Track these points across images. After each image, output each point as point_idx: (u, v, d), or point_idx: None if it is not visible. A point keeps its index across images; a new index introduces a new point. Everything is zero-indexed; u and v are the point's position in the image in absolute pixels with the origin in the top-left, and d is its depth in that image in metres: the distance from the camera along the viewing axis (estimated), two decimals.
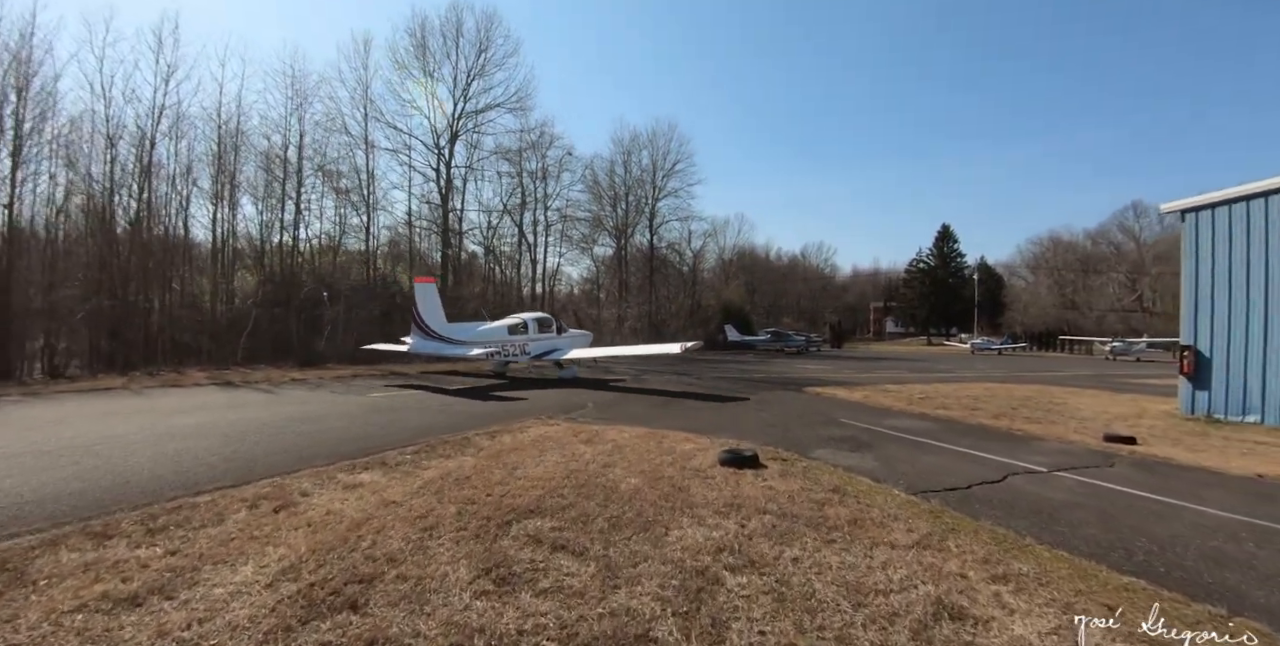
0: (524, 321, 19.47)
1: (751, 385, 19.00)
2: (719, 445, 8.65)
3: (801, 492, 6.21)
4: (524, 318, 19.86)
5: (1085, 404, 16.37)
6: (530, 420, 10.70)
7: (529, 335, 19.09)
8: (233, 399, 13.40)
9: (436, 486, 6.06)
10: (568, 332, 20.69)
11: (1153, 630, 3.59)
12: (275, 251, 30.24)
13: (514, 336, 18.80)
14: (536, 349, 19.12)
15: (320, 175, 31.60)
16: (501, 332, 18.69)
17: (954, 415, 13.34)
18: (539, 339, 19.31)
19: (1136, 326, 65.95)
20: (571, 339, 20.61)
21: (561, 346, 19.68)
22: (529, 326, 19.28)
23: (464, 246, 39.12)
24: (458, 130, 36.07)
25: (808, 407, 13.90)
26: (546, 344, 19.43)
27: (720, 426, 10.82)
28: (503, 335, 18.66)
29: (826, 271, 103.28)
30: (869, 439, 9.95)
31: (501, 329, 18.83)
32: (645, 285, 48.62)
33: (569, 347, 19.86)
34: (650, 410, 12.79)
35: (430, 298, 17.60)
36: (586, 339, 21.96)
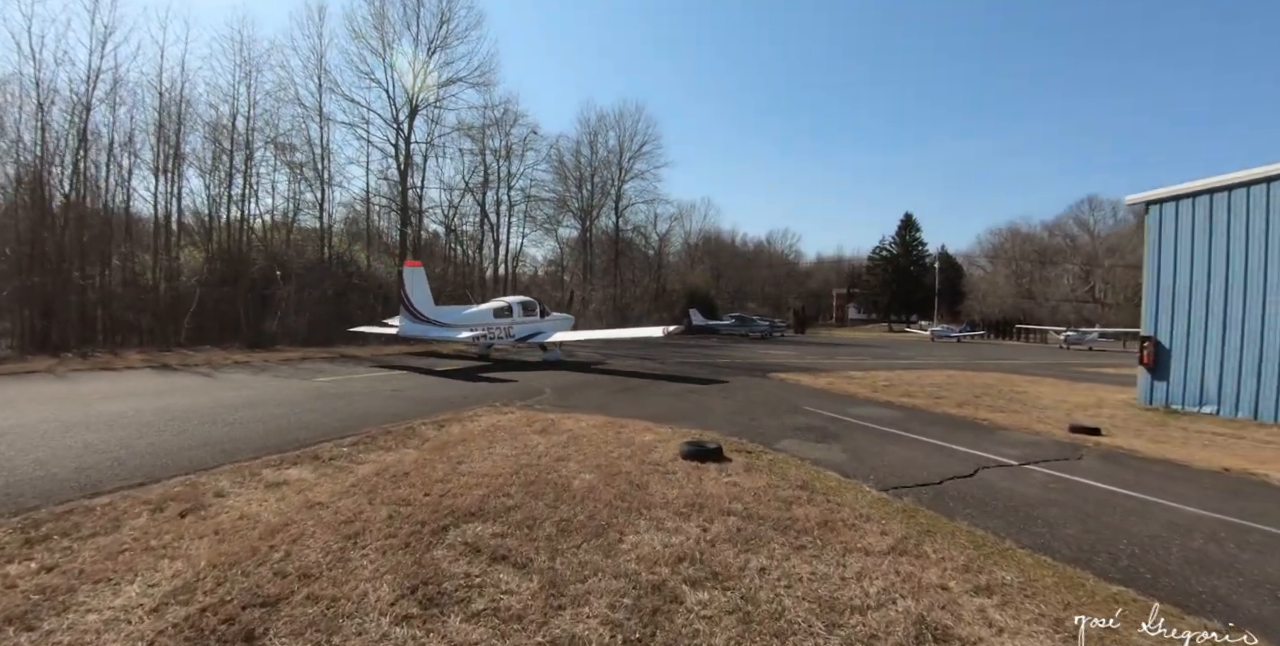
0: (509, 305, 19.69)
1: (716, 371, 18.66)
2: (681, 436, 8.22)
3: (768, 490, 5.81)
4: (509, 301, 20.05)
5: (1045, 393, 16.41)
6: (484, 408, 10.13)
7: (513, 318, 19.31)
8: (166, 384, 12.50)
9: (370, 484, 5.48)
10: (551, 316, 20.91)
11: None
12: (223, 227, 28.72)
13: (499, 320, 19.04)
14: (521, 332, 19.34)
15: (272, 148, 30.11)
16: (487, 316, 18.91)
17: (919, 403, 13.18)
18: (523, 322, 19.55)
19: (1089, 316, 67.88)
20: (554, 322, 20.84)
21: (545, 330, 19.90)
22: (514, 310, 19.50)
23: (424, 225, 37.92)
24: (418, 105, 34.72)
25: (773, 395, 13.59)
26: (530, 327, 19.67)
27: (683, 415, 10.41)
28: (488, 318, 18.88)
29: (791, 257, 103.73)
30: (836, 429, 9.64)
31: (487, 312, 19.07)
32: (610, 268, 47.97)
33: (552, 331, 20.04)
34: (612, 396, 12.32)
35: (419, 281, 17.75)
36: (569, 322, 22.13)
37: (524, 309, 19.94)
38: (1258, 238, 12.56)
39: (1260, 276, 12.42)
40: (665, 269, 58.34)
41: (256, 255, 29.07)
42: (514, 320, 19.39)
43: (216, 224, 28.61)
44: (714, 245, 78.97)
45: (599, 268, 48.19)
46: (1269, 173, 12.43)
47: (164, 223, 27.34)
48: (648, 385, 14.40)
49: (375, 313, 31.19)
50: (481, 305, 19.91)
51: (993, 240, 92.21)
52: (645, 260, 54.53)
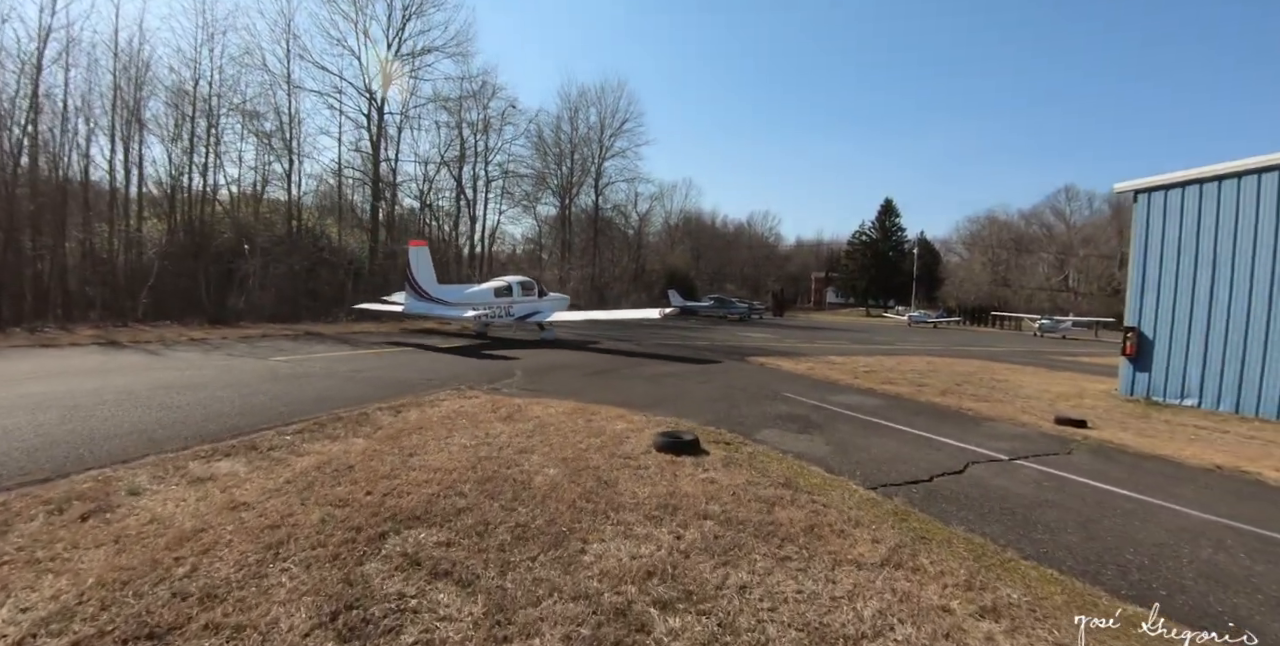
0: (509, 284, 20.03)
1: (695, 354, 18.21)
2: (656, 425, 7.73)
3: (748, 488, 5.34)
4: (509, 280, 20.38)
5: (1026, 382, 16.22)
6: (447, 391, 9.53)
7: (513, 297, 19.60)
8: (108, 362, 11.69)
9: (307, 481, 4.90)
10: (548, 296, 21.22)
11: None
12: (186, 198, 27.39)
13: (499, 299, 19.30)
14: (520, 311, 19.63)
15: (238, 116, 28.70)
16: (488, 295, 19.23)
17: (901, 391, 12.85)
18: (522, 301, 19.81)
19: (1063, 305, 68.64)
20: (552, 302, 21.15)
21: (543, 309, 20.23)
22: (513, 289, 19.83)
23: (398, 200, 36.74)
24: (391, 74, 33.42)
25: (753, 380, 13.16)
26: (529, 306, 19.97)
27: (659, 401, 9.92)
28: (489, 297, 19.14)
29: (771, 240, 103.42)
30: (818, 418, 9.22)
31: (488, 291, 19.43)
32: (589, 247, 47.15)
33: (550, 310, 20.40)
34: (585, 379, 11.79)
35: (423, 260, 18.11)
36: (564, 302, 22.42)
37: (523, 288, 20.19)
38: (1247, 229, 12.30)
39: (1247, 269, 12.18)
40: (645, 249, 57.62)
41: (223, 227, 27.89)
42: (513, 299, 19.57)
43: (179, 194, 27.27)
44: (694, 226, 78.38)
45: (578, 247, 47.36)
46: (1261, 163, 12.13)
47: (123, 192, 26.02)
48: (623, 367, 13.89)
49: (345, 289, 30.33)
50: (482, 284, 20.21)
51: (970, 227, 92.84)
52: (625, 240, 53.74)
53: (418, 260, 18.02)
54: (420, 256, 18.15)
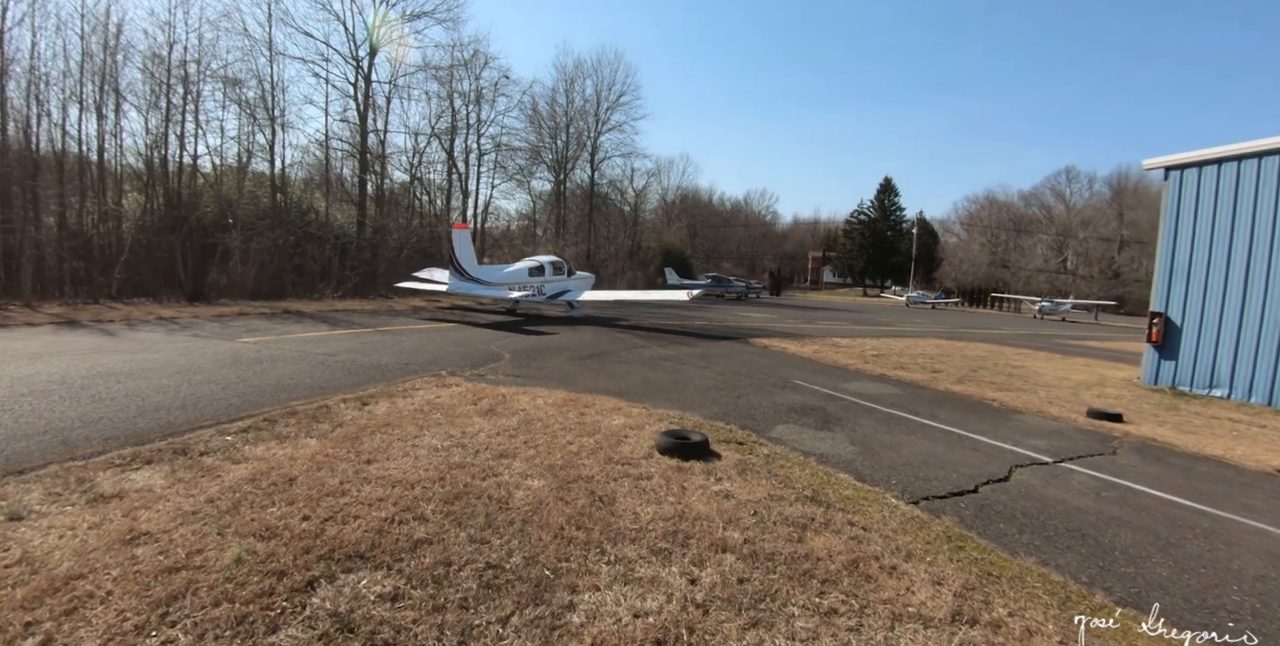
0: (541, 264, 20.67)
1: (693, 336, 17.32)
2: (657, 419, 6.85)
3: (771, 505, 4.47)
4: (541, 260, 21.08)
5: (1043, 368, 15.44)
6: (425, 378, 8.60)
7: (545, 277, 20.32)
8: (54, 344, 10.67)
9: (234, 499, 4.00)
10: (576, 275, 21.86)
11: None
12: (164, 170, 25.97)
13: (533, 278, 20.07)
14: (551, 290, 20.37)
15: (219, 83, 27.22)
16: (523, 274, 19.99)
17: (916, 378, 12.04)
18: (553, 280, 20.57)
19: (1061, 287, 67.90)
20: (580, 281, 21.85)
21: (572, 288, 20.99)
22: (545, 269, 20.48)
23: (388, 173, 35.31)
24: (377, 41, 31.86)
25: (757, 365, 12.29)
26: (559, 285, 20.72)
27: (659, 389, 9.03)
28: (524, 277, 19.93)
29: (768, 218, 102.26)
30: (835, 410, 8.35)
31: (523, 271, 20.13)
32: (584, 223, 45.92)
33: (579, 290, 21.19)
34: (578, 364, 10.88)
35: (465, 242, 19.07)
36: (590, 281, 23.08)
37: (554, 268, 20.82)
38: None
39: None
40: (641, 226, 56.35)
41: (204, 201, 26.64)
42: (545, 279, 20.28)
43: (157, 166, 25.89)
44: (691, 203, 77.08)
45: (573, 223, 46.14)
46: None
47: (97, 162, 24.69)
48: (619, 350, 12.99)
49: (332, 265, 29.24)
50: (517, 264, 20.87)
51: (969, 207, 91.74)
52: (620, 216, 52.46)
53: (460, 242, 18.87)
54: (462, 239, 19.06)
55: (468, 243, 19.38)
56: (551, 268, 20.73)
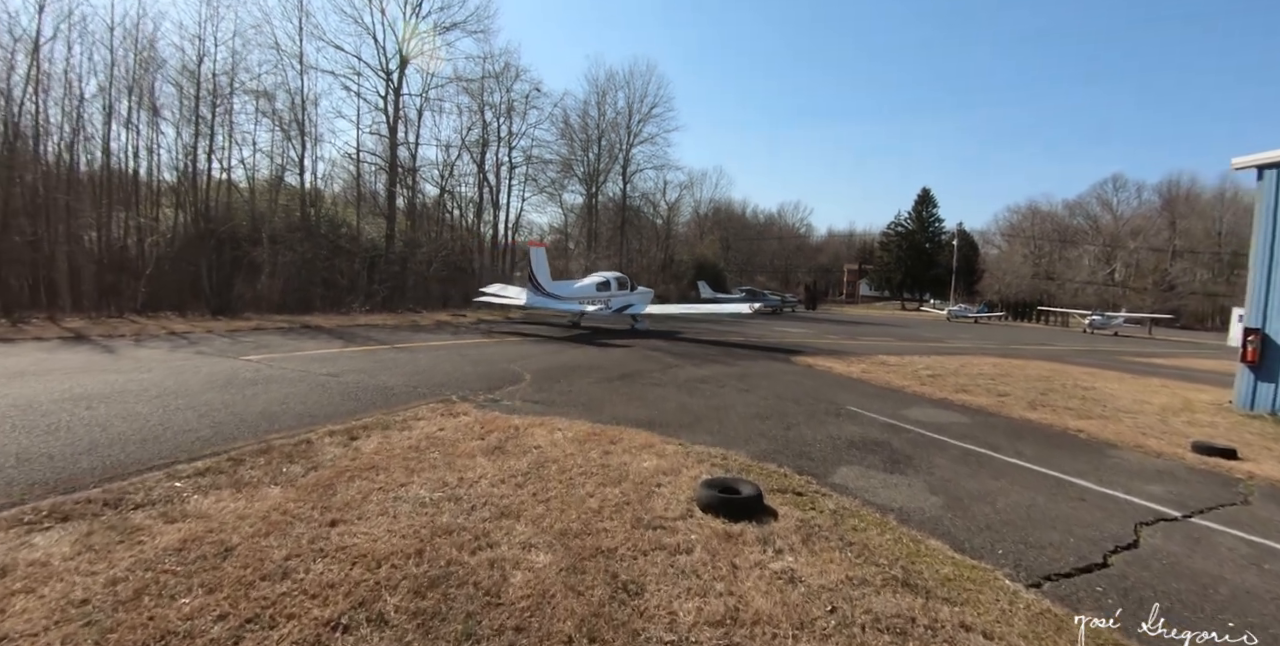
0: (607, 279, 21.69)
1: (729, 352, 16.18)
2: (696, 459, 5.76)
3: (852, 593, 3.34)
4: (606, 276, 22.09)
5: (1116, 390, 13.94)
6: (431, 404, 7.63)
7: (611, 292, 21.26)
8: (43, 362, 9.95)
9: (141, 582, 3.02)
10: (638, 290, 22.79)
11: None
12: (194, 184, 25.79)
13: (600, 292, 21.01)
14: (617, 304, 21.15)
15: (250, 97, 27.10)
16: (591, 289, 21.01)
17: (982, 403, 10.76)
18: (619, 295, 21.43)
19: (1111, 300, 64.90)
20: (642, 296, 22.66)
21: (635, 302, 21.76)
22: (611, 284, 21.48)
23: (419, 186, 34.89)
24: (408, 53, 31.63)
25: (803, 387, 11.12)
26: (623, 299, 21.51)
27: (696, 417, 7.93)
28: (592, 291, 20.93)
29: (802, 231, 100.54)
30: (902, 445, 7.15)
31: (591, 286, 21.17)
32: (616, 236, 45.10)
33: (641, 304, 22.00)
34: (605, 387, 9.83)
35: (541, 259, 19.97)
36: (650, 296, 23.82)
37: (619, 283, 21.78)
38: None
39: None
40: (673, 239, 55.39)
41: (233, 214, 26.47)
42: (611, 293, 21.19)
43: (186, 179, 25.74)
44: (724, 216, 76.06)
45: (605, 236, 45.37)
46: None
47: (130, 177, 24.63)
48: (651, 371, 11.93)
49: (360, 278, 28.83)
50: (585, 279, 22.04)
51: (1011, 218, 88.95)
52: (653, 229, 51.57)
53: (537, 259, 19.79)
54: (539, 256, 19.94)
55: (544, 259, 20.23)
56: (616, 282, 21.68)
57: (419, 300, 30.34)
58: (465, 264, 36.00)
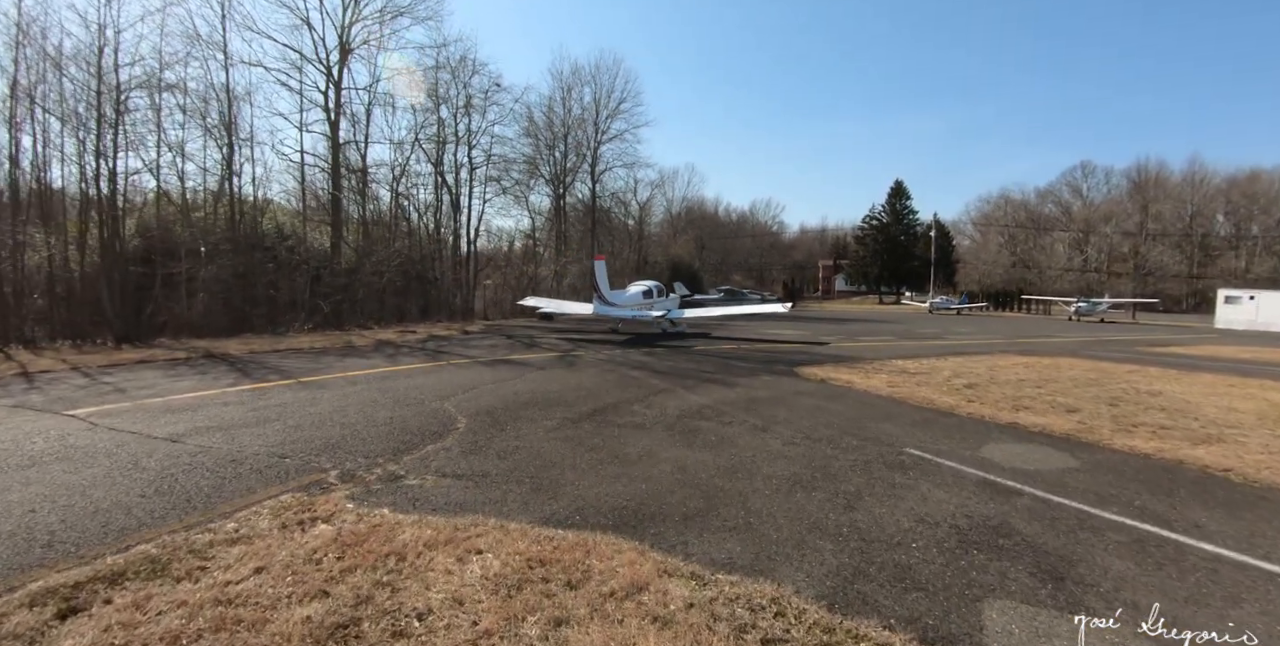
0: (649, 287, 23.46)
1: (726, 366, 13.55)
2: (728, 624, 3.10)
3: None
4: (648, 285, 23.83)
5: (1185, 394, 11.71)
6: (287, 495, 4.84)
7: (654, 299, 22.80)
8: None
9: None
10: (670, 296, 24.46)
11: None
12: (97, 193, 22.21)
13: (646, 300, 22.53)
14: (658, 309, 22.18)
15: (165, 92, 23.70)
16: (639, 297, 22.49)
17: (1059, 426, 8.43)
18: (660, 301, 22.97)
19: (1092, 286, 63.70)
20: (673, 301, 24.23)
21: (671, 308, 22.96)
22: (652, 292, 23.13)
23: (369, 190, 31.54)
24: (349, 42, 28.55)
25: (831, 415, 8.52)
26: (663, 305, 22.94)
27: (706, 496, 5.19)
28: (639, 299, 22.41)
29: (775, 228, 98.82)
30: (1036, 532, 4.52)
31: (638, 294, 22.70)
32: (587, 238, 42.24)
33: (677, 309, 23.16)
34: (566, 438, 7.01)
35: (603, 271, 21.05)
36: (677, 300, 25.36)
37: (658, 291, 23.47)
38: None
39: None
40: (646, 240, 52.74)
41: (152, 226, 23.27)
42: (654, 300, 22.69)
43: (87, 189, 22.26)
44: (697, 215, 73.81)
45: (575, 238, 42.50)
46: None
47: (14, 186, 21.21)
48: (630, 402, 9.20)
49: (304, 293, 25.67)
50: (631, 289, 23.33)
51: (983, 208, 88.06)
52: (625, 231, 48.84)
53: (600, 271, 20.97)
54: (601, 268, 21.07)
55: (604, 271, 21.20)
56: (656, 290, 23.37)
57: (372, 314, 27.28)
58: (425, 272, 32.93)
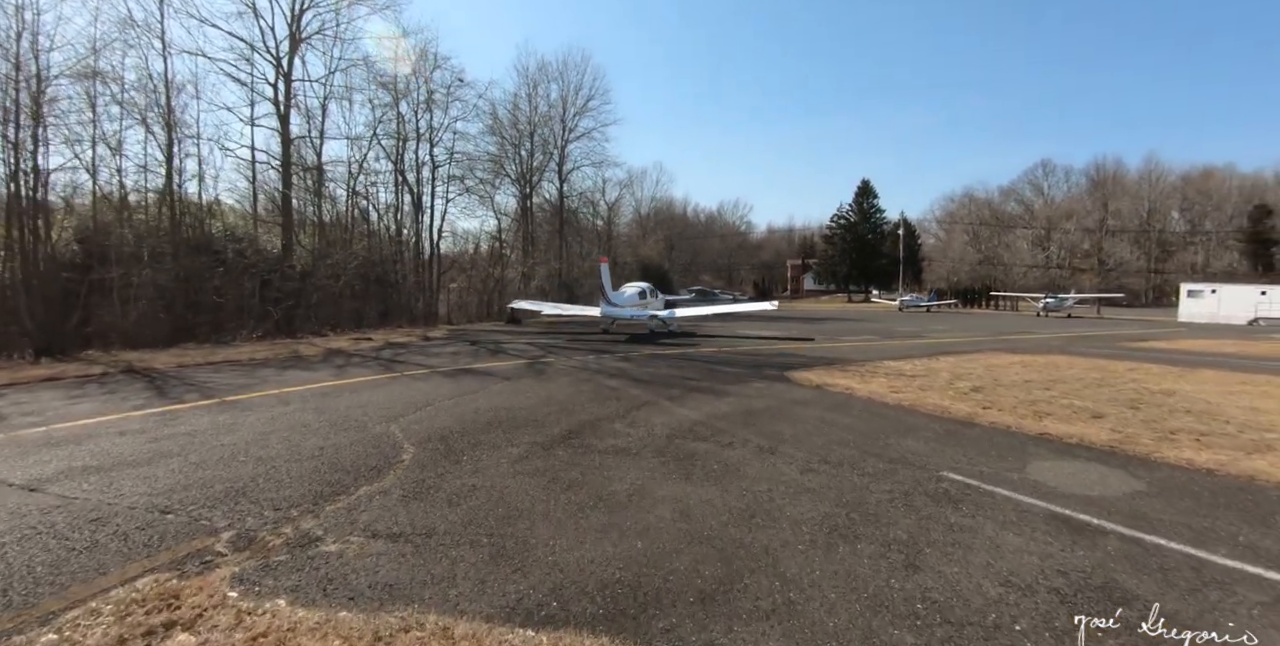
0: (643, 289, 24.30)
1: (710, 372, 12.44)
2: None
3: None
4: (641, 286, 24.69)
5: (1200, 394, 11.01)
6: (150, 578, 3.55)
7: (648, 300, 23.68)
8: None
9: None
10: (660, 297, 25.54)
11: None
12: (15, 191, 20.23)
13: (642, 300, 23.36)
14: (652, 309, 22.76)
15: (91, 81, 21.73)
16: (636, 298, 23.20)
17: (1094, 436, 7.59)
18: (653, 302, 23.78)
19: (1058, 282, 64.34)
20: (661, 302, 25.08)
21: (664, 308, 23.67)
22: (647, 293, 23.98)
23: (324, 189, 29.71)
24: (299, 31, 26.78)
25: (842, 430, 7.42)
26: (656, 305, 23.82)
27: (724, 559, 3.97)
28: (638, 300, 23.16)
29: (743, 229, 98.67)
30: (1155, 594, 3.43)
31: (635, 296, 23.38)
32: (554, 239, 40.80)
33: (668, 310, 23.35)
34: (535, 472, 5.75)
35: (607, 274, 22.01)
36: (662, 300, 25.93)
37: (651, 293, 24.46)
38: None
39: None
40: (615, 241, 51.48)
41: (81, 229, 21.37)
42: (647, 301, 23.48)
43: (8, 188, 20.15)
44: (666, 216, 73.02)
45: (542, 240, 41.04)
46: None
47: None
48: (610, 419, 7.98)
49: (252, 298, 23.88)
50: (628, 291, 23.76)
51: (947, 206, 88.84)
52: (594, 231, 47.49)
53: (605, 274, 21.95)
54: (606, 271, 22.08)
55: (608, 273, 22.08)
56: (650, 292, 24.39)
57: (327, 320, 25.52)
58: (386, 276, 31.20)
